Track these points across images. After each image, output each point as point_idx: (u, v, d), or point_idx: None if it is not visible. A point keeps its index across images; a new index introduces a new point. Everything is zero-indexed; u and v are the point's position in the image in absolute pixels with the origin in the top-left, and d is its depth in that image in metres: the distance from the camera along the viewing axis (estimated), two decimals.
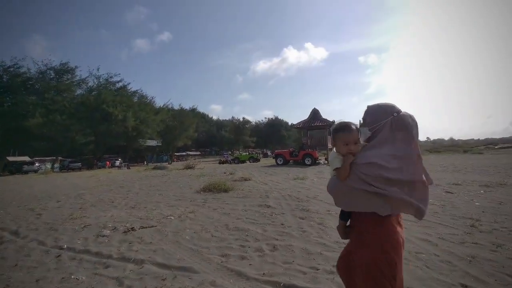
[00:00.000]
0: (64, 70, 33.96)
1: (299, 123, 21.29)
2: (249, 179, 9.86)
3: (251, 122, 75.46)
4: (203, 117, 78.85)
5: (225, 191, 7.41)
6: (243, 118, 71.61)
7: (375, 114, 1.42)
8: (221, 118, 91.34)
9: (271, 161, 30.72)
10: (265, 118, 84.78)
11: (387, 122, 1.37)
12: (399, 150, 1.32)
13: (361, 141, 1.45)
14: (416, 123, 1.40)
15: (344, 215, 1.54)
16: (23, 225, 4.84)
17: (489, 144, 53.57)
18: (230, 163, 32.97)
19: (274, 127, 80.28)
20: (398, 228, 1.37)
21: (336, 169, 1.44)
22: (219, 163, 32.90)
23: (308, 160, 18.59)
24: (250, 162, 31.30)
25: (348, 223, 1.55)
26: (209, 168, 18.65)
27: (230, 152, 53.88)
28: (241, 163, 31.70)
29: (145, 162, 53.12)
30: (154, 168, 18.12)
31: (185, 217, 4.93)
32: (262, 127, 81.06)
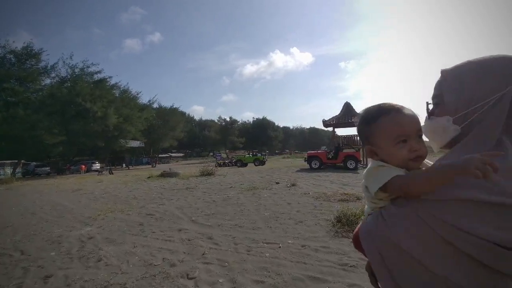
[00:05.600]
0: (27, 55, 27.77)
1: (331, 119, 17.93)
2: (359, 198, 6.19)
3: (238, 121, 71.32)
4: (183, 116, 73.62)
5: None
6: (230, 117, 67.24)
7: (469, 84, 0.60)
8: (203, 118, 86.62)
9: (271, 164, 27.23)
10: (253, 118, 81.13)
11: (504, 97, 0.57)
12: None
13: (434, 145, 0.69)
14: None
15: None
16: None
17: None
18: (229, 165, 29.20)
19: (262, 127, 76.88)
20: None
21: (383, 188, 0.63)
22: (216, 166, 28.81)
23: (351, 164, 15.26)
24: (255, 165, 27.68)
25: None
26: (231, 175, 14.65)
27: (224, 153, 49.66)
28: (244, 166, 28.12)
29: (123, 165, 47.67)
30: (162, 175, 13.78)
31: None
32: (249, 127, 77.20)
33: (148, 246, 3.73)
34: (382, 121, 0.66)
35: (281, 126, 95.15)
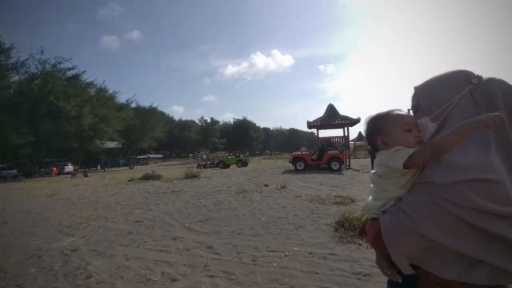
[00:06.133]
0: None
1: (316, 121, 18.06)
2: (353, 200, 6.17)
3: (219, 122, 70.63)
4: (163, 116, 71.68)
5: None
6: (212, 118, 66.44)
7: (437, 91, 0.81)
8: (183, 119, 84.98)
9: (253, 166, 27.14)
10: (234, 119, 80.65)
11: (463, 96, 0.76)
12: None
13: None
14: None
15: (401, 285, 0.81)
16: None
17: None
18: (210, 167, 28.70)
19: (242, 128, 76.57)
20: None
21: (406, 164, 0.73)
22: (198, 167, 28.36)
23: (335, 165, 15.43)
24: (238, 166, 27.47)
25: None
26: (216, 177, 14.32)
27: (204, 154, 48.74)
28: (226, 167, 27.82)
29: (98, 166, 45.66)
30: (144, 178, 13.14)
31: None
32: (230, 128, 76.63)
33: (142, 259, 3.43)
34: (393, 114, 0.83)
35: (262, 127, 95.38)
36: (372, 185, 0.88)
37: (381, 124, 0.83)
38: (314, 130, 19.49)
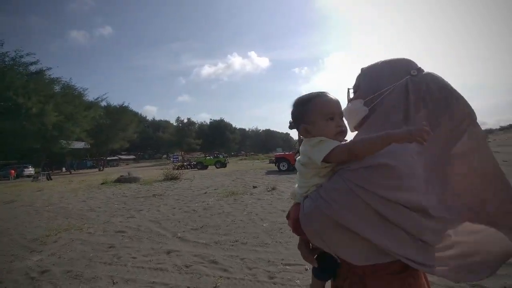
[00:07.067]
0: None
1: None
2: None
3: (196, 123, 69.08)
4: (135, 116, 68.60)
5: None
6: (188, 119, 64.80)
7: (377, 76, 0.80)
8: (156, 119, 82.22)
9: (232, 167, 26.69)
10: (210, 119, 79.33)
11: (398, 86, 0.75)
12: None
13: (350, 125, 0.83)
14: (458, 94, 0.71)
15: (321, 270, 0.81)
16: None
17: None
18: (188, 168, 27.78)
19: (219, 129, 75.44)
20: None
21: (327, 157, 0.70)
22: (175, 168, 27.28)
23: None
24: (217, 167, 26.83)
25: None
26: (198, 179, 13.59)
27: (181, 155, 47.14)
28: (204, 168, 27.11)
29: (63, 169, 42.70)
30: (119, 181, 12.06)
31: None
32: (206, 128, 75.11)
33: (133, 281, 2.80)
34: (316, 101, 0.78)
35: (237, 128, 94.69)
36: (297, 172, 0.84)
37: (304, 111, 0.79)
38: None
